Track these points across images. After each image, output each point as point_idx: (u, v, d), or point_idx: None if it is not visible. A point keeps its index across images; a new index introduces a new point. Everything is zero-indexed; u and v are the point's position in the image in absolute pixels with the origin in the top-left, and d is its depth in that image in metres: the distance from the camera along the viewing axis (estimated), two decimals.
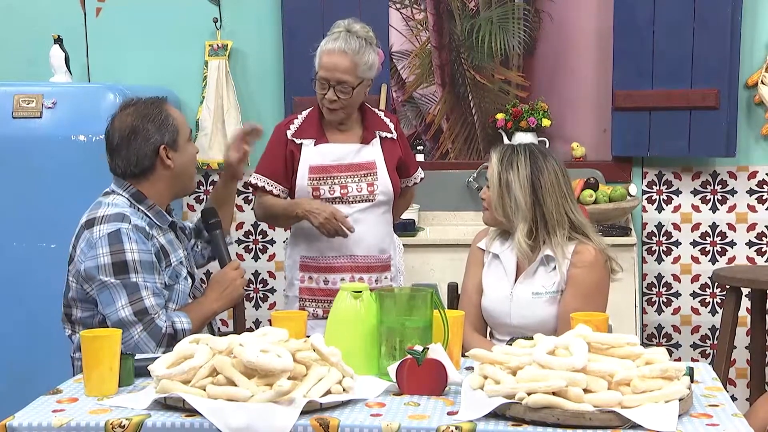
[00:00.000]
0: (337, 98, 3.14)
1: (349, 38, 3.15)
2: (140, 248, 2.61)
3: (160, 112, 2.72)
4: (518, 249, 2.79)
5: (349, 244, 3.20)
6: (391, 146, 3.29)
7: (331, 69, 3.13)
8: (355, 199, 3.22)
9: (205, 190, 4.76)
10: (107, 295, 2.60)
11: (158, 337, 2.59)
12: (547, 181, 2.77)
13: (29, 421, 1.93)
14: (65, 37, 4.45)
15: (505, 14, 4.63)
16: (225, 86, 4.64)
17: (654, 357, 1.99)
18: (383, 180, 3.23)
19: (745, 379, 4.45)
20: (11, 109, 4.07)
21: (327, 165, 3.21)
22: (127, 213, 2.65)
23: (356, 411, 1.98)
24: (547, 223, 2.77)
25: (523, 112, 4.54)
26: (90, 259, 2.61)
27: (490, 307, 2.87)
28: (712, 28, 4.30)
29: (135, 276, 2.59)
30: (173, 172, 2.74)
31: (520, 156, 2.80)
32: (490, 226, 2.93)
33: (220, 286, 2.80)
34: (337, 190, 3.20)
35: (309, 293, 3.27)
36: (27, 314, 3.99)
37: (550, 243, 2.77)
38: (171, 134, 2.72)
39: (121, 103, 2.78)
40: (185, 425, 1.91)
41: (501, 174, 2.80)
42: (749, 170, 4.48)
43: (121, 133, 2.70)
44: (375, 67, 3.20)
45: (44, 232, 3.94)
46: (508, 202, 2.79)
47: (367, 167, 3.23)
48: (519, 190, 2.76)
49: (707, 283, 4.53)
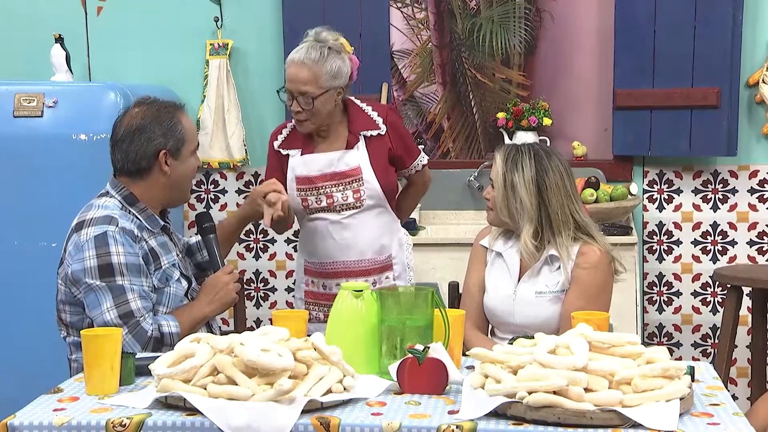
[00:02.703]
0: (301, 109, 3.09)
1: (312, 48, 3.08)
2: (126, 251, 2.59)
3: (171, 118, 2.71)
4: (524, 250, 2.78)
5: (341, 251, 3.19)
6: (378, 144, 3.20)
7: (293, 80, 3.08)
8: (342, 207, 3.18)
9: (206, 189, 4.76)
10: (93, 298, 2.59)
11: (144, 340, 2.58)
12: (552, 182, 2.77)
13: (30, 420, 1.93)
14: (66, 36, 4.45)
15: (506, 13, 4.63)
16: (226, 85, 4.64)
17: (655, 356, 1.99)
18: (370, 184, 3.17)
19: (746, 378, 4.45)
20: (12, 108, 4.06)
21: (312, 176, 3.18)
22: (115, 215, 2.63)
23: (357, 410, 1.98)
24: (552, 224, 2.76)
25: (524, 111, 4.53)
26: (77, 262, 2.60)
27: (493, 306, 2.87)
28: (713, 27, 4.30)
29: (121, 279, 2.58)
30: (169, 180, 2.72)
31: (525, 156, 2.79)
32: (494, 226, 2.92)
33: (213, 290, 2.78)
34: (324, 200, 3.18)
35: (312, 297, 3.28)
36: (27, 314, 3.98)
37: (554, 243, 2.77)
38: (176, 142, 2.70)
39: (137, 99, 2.78)
40: (186, 424, 1.91)
41: (506, 175, 2.79)
42: (750, 169, 4.48)
43: (127, 128, 2.70)
44: (342, 75, 3.10)
45: (44, 231, 3.94)
46: (513, 204, 2.78)
47: (351, 174, 3.17)
48: (524, 191, 2.76)
49: (708, 282, 4.53)
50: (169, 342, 2.60)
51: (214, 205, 4.78)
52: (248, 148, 4.66)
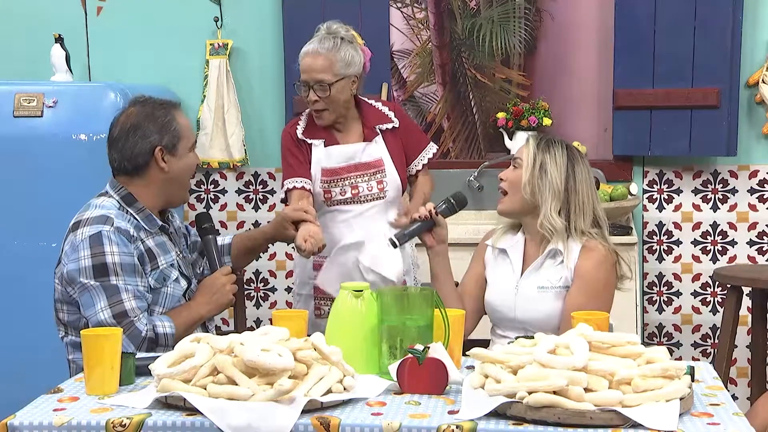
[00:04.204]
0: (318, 98, 3.16)
1: (325, 39, 3.18)
2: (121, 251, 2.59)
3: (166, 115, 2.73)
4: (545, 222, 2.74)
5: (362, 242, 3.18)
6: (393, 138, 3.29)
7: (308, 70, 3.16)
8: (367, 198, 3.24)
9: (206, 189, 4.76)
10: (87, 298, 2.59)
11: (138, 340, 2.58)
12: (581, 173, 2.78)
13: (30, 420, 1.93)
14: (66, 36, 4.45)
15: (506, 13, 4.63)
16: (226, 85, 4.64)
17: (655, 356, 1.99)
18: (392, 176, 3.26)
19: (746, 378, 4.45)
20: (12, 108, 4.07)
21: (336, 167, 3.23)
22: (111, 215, 2.63)
23: (357, 410, 1.98)
24: (573, 210, 2.75)
25: (523, 111, 4.53)
26: (72, 261, 2.61)
27: (493, 300, 2.86)
28: (713, 27, 4.30)
29: (115, 279, 2.58)
30: (167, 176, 2.73)
31: (557, 145, 2.81)
32: (504, 215, 2.89)
33: (210, 291, 2.78)
34: (348, 191, 3.22)
35: (323, 292, 3.26)
36: (27, 314, 3.98)
37: (564, 233, 2.75)
38: (171, 138, 2.71)
39: (131, 99, 2.80)
40: (186, 424, 1.91)
41: (537, 155, 2.78)
42: (750, 169, 4.48)
43: (122, 127, 2.71)
44: (356, 63, 3.19)
45: (44, 231, 3.94)
46: (539, 182, 2.75)
47: (375, 165, 3.25)
48: (555, 172, 2.75)
49: (708, 282, 4.53)
50: (164, 343, 2.60)
51: (214, 205, 4.78)
52: (248, 148, 4.66)
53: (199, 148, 4.49)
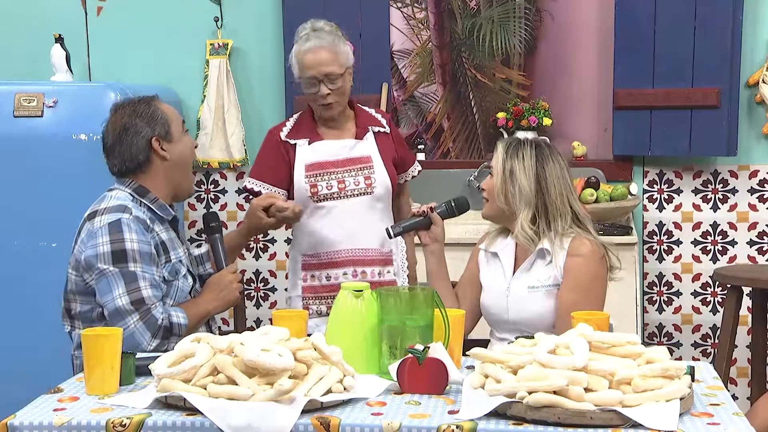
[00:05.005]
0: (330, 91, 3.19)
1: (320, 35, 3.21)
2: (140, 239, 2.63)
3: (149, 107, 2.77)
4: (520, 235, 2.78)
5: (348, 239, 3.23)
6: (385, 140, 3.32)
7: (316, 65, 3.18)
8: (353, 192, 3.24)
9: (206, 189, 4.76)
10: (105, 284, 2.61)
11: (154, 328, 2.60)
12: (552, 172, 2.78)
13: (30, 420, 1.93)
14: (66, 36, 4.45)
15: (506, 13, 4.63)
16: (226, 85, 4.64)
17: (655, 356, 1.99)
18: (380, 173, 3.26)
19: (746, 378, 4.45)
20: (12, 107, 4.07)
21: (323, 161, 3.24)
22: (128, 205, 2.68)
23: (357, 410, 1.98)
24: (549, 212, 2.77)
25: (524, 111, 4.53)
26: (90, 248, 2.63)
27: (488, 303, 2.88)
28: (713, 27, 4.30)
29: (133, 265, 2.60)
30: (170, 163, 2.77)
31: (526, 147, 2.82)
32: (488, 220, 2.93)
33: (218, 288, 2.82)
34: (335, 185, 3.23)
35: (312, 291, 3.28)
36: (27, 314, 3.99)
37: (549, 234, 2.77)
38: (162, 126, 2.75)
39: (111, 107, 2.83)
40: (186, 424, 1.91)
41: (505, 162, 2.81)
42: (750, 169, 4.48)
43: (113, 133, 2.75)
44: (351, 55, 3.26)
45: (45, 231, 3.94)
46: (510, 189, 2.79)
47: (363, 161, 3.26)
48: (524, 177, 2.77)
49: (708, 282, 4.53)
50: (178, 332, 2.63)
51: (214, 204, 4.78)
52: (248, 148, 4.66)
53: (199, 148, 4.51)
